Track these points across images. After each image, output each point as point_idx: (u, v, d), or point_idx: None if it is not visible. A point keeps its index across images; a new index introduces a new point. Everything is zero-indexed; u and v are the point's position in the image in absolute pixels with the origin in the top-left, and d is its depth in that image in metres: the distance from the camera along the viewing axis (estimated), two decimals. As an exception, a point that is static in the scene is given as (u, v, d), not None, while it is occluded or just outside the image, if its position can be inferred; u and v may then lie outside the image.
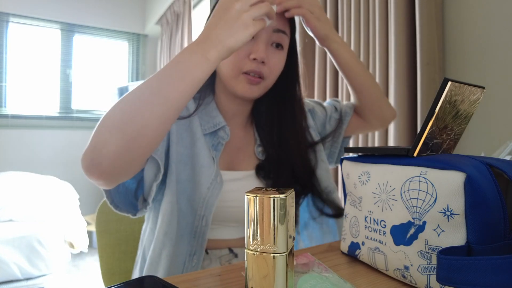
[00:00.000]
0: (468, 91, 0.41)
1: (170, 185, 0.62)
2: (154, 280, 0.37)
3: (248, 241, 0.29)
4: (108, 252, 0.84)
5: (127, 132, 0.45)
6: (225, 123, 0.68)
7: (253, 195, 0.28)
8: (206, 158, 0.65)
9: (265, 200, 0.27)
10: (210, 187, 0.63)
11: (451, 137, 0.45)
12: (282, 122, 0.71)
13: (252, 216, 0.28)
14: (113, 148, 0.45)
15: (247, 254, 0.29)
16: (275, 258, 0.27)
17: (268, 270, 0.27)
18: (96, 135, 0.47)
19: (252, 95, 0.65)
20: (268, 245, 0.27)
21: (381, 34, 1.15)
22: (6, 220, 2.06)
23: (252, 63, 0.62)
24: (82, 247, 2.24)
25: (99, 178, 0.48)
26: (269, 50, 0.63)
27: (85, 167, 0.47)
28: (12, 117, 2.96)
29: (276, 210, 0.27)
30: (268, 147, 0.72)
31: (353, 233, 0.50)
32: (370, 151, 0.50)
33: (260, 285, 0.28)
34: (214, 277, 0.43)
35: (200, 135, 0.66)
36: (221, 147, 0.67)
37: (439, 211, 0.37)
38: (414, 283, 0.40)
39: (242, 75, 0.63)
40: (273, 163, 0.70)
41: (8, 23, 2.97)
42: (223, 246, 0.69)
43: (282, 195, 0.27)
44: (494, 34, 0.92)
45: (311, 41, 1.55)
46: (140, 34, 3.57)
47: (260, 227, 0.28)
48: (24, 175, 2.43)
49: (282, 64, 0.67)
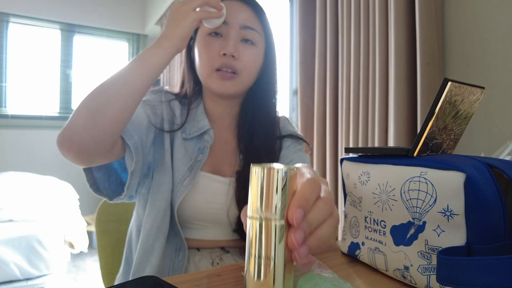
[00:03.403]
0: (468, 91, 0.41)
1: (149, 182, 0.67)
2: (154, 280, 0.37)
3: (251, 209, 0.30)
4: (108, 252, 0.84)
5: (91, 108, 0.54)
6: (209, 126, 0.70)
7: (259, 166, 0.30)
8: (177, 161, 0.67)
9: (271, 171, 0.29)
10: (175, 190, 0.66)
11: (451, 137, 0.45)
12: (256, 119, 0.72)
13: (255, 185, 0.30)
14: (80, 123, 0.53)
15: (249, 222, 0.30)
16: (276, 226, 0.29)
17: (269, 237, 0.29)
18: (70, 118, 0.55)
19: (227, 91, 0.67)
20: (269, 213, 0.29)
21: (381, 35, 1.15)
22: (6, 220, 2.06)
23: (222, 58, 0.65)
24: (82, 247, 2.24)
25: (70, 150, 0.54)
26: (240, 46, 0.67)
27: (58, 143, 0.55)
28: (12, 117, 2.96)
29: (279, 180, 0.29)
30: (242, 145, 0.73)
31: (353, 233, 0.50)
32: (370, 151, 0.50)
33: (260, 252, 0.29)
34: (214, 277, 0.43)
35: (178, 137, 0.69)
36: (207, 150, 0.69)
37: (439, 211, 0.37)
38: (414, 283, 0.40)
39: (215, 73, 0.66)
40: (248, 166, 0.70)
41: (8, 23, 2.97)
42: (215, 246, 0.70)
43: (285, 168, 0.29)
44: (494, 34, 0.92)
45: (311, 41, 1.55)
46: (140, 34, 3.57)
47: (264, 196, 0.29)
48: (24, 175, 2.43)
49: (256, 59, 0.69)
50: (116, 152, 0.60)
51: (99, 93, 0.55)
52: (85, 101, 0.55)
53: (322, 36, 1.46)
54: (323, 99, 1.46)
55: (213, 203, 0.67)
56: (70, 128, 0.54)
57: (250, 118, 0.73)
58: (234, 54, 0.65)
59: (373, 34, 1.20)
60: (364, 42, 1.24)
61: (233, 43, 0.65)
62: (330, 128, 1.41)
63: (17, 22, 3.00)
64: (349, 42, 1.32)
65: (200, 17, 0.59)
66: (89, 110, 0.54)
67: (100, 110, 0.53)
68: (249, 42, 0.68)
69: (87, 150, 0.55)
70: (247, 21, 0.67)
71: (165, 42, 0.58)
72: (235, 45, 0.65)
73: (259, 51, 0.69)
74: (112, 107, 0.54)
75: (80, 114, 0.54)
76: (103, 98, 0.54)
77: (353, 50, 1.29)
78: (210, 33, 0.67)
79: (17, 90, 3.01)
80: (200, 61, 0.68)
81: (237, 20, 0.66)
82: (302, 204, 0.28)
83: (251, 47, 0.68)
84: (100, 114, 0.53)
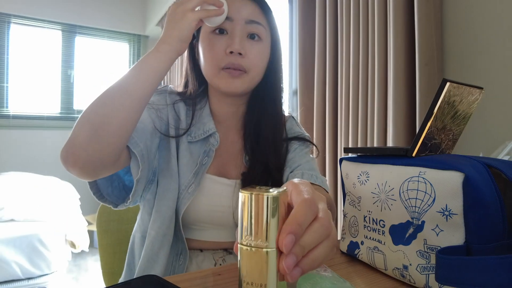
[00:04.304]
0: (466, 92, 0.41)
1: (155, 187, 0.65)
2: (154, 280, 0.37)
3: (241, 236, 0.30)
4: (109, 251, 0.84)
5: (94, 121, 0.51)
6: (215, 129, 0.68)
7: (248, 192, 0.29)
8: (183, 167, 0.66)
9: (260, 197, 0.29)
10: (181, 196, 0.64)
11: (449, 137, 0.45)
12: (262, 118, 0.70)
13: (245, 212, 0.29)
14: (83, 137, 0.51)
15: (241, 249, 0.30)
16: (268, 253, 0.29)
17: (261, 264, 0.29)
18: (72, 131, 0.53)
19: (235, 89, 0.64)
20: (260, 241, 0.29)
21: (380, 35, 1.16)
22: (7, 220, 2.07)
23: (229, 57, 0.62)
24: (83, 246, 2.24)
25: (75, 166, 0.52)
26: (247, 43, 0.64)
27: (62, 158, 0.52)
28: (13, 118, 2.96)
29: (269, 207, 0.29)
30: (253, 150, 0.70)
31: (352, 232, 0.50)
32: (369, 151, 0.50)
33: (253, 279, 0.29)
34: (214, 277, 0.44)
35: (184, 141, 0.67)
36: (212, 153, 0.67)
37: (438, 211, 0.37)
38: (413, 282, 0.41)
39: (222, 71, 0.63)
40: (258, 170, 0.69)
41: (10, 24, 2.97)
42: (218, 248, 0.70)
43: (275, 193, 0.29)
44: (492, 35, 0.92)
45: (310, 41, 1.55)
46: (141, 35, 3.58)
47: (253, 223, 0.29)
48: (25, 175, 2.44)
49: (264, 56, 0.66)
50: (122, 162, 0.58)
51: (101, 104, 0.53)
52: (87, 114, 0.52)
53: (321, 36, 1.47)
54: (323, 99, 1.46)
55: (218, 206, 0.66)
56: (73, 143, 0.51)
57: (257, 117, 0.71)
58: (241, 51, 0.62)
59: (372, 35, 1.20)
60: (363, 42, 1.24)
61: (239, 40, 0.62)
62: (330, 128, 1.41)
63: (18, 23, 3.01)
64: (348, 43, 1.32)
65: (199, 17, 0.56)
66: (92, 123, 0.51)
67: (103, 122, 0.51)
68: (255, 37, 0.65)
69: (92, 164, 0.53)
70: (252, 15, 0.64)
71: (164, 46, 0.55)
72: (241, 42, 0.62)
73: (266, 46, 0.67)
74: (116, 118, 0.52)
75: (83, 128, 0.51)
76: (105, 109, 0.52)
77: (352, 51, 1.29)
78: (214, 30, 0.64)
79: (19, 90, 3.02)
80: (205, 60, 0.65)
81: (242, 15, 0.63)
82: (294, 230, 0.27)
83: (258, 43, 0.65)
84: (103, 126, 0.51)
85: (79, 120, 0.52)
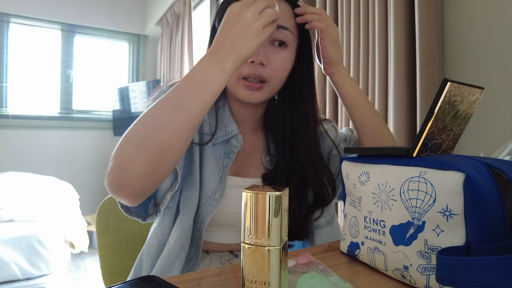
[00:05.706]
0: (467, 92, 0.41)
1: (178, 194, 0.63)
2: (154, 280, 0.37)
3: (244, 235, 0.30)
4: (108, 252, 0.84)
5: (152, 149, 0.46)
6: (237, 131, 0.65)
7: (250, 192, 0.30)
8: (208, 173, 0.63)
9: (261, 196, 0.29)
10: (206, 203, 0.62)
11: (450, 138, 0.45)
12: (295, 127, 0.67)
13: (248, 211, 0.30)
14: (140, 167, 0.45)
15: (243, 248, 0.30)
16: (270, 251, 0.29)
17: (263, 262, 0.29)
18: (120, 153, 0.46)
19: (254, 100, 0.61)
20: (262, 239, 0.29)
21: (381, 35, 1.16)
22: (6, 220, 2.06)
23: (250, 66, 0.58)
24: (82, 247, 2.24)
25: (129, 197, 0.48)
26: (270, 50, 0.59)
27: (113, 188, 0.47)
28: (12, 118, 2.96)
29: (271, 206, 0.29)
30: (279, 154, 0.69)
31: (352, 233, 0.50)
32: (369, 151, 0.50)
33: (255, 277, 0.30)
34: (214, 277, 0.44)
35: (209, 145, 0.64)
36: (233, 155, 0.65)
37: (438, 211, 0.37)
38: (413, 283, 0.40)
39: (241, 81, 0.59)
40: (281, 172, 0.67)
41: (9, 24, 2.97)
42: (224, 249, 0.69)
43: (277, 193, 0.29)
44: (493, 35, 0.92)
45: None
46: (140, 34, 3.58)
47: (256, 222, 0.29)
48: (24, 176, 2.43)
49: (288, 64, 0.62)
50: None
51: (159, 128, 0.46)
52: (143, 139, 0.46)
53: (322, 36, 1.47)
54: (323, 99, 1.46)
55: (235, 207, 0.64)
56: (127, 172, 0.46)
57: (278, 115, 0.68)
58: (263, 61, 0.58)
59: (373, 35, 1.20)
60: (363, 42, 1.24)
61: (263, 49, 0.58)
62: (330, 128, 1.41)
63: (18, 23, 3.01)
64: (348, 43, 1.32)
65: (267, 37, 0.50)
66: (151, 152, 0.46)
67: (163, 150, 0.46)
68: (282, 45, 0.60)
69: (146, 194, 0.50)
70: (281, 20, 0.58)
71: (229, 63, 0.48)
72: (264, 50, 0.58)
73: (291, 53, 0.62)
74: (176, 145, 0.47)
75: (140, 156, 0.45)
76: (165, 135, 0.46)
77: (352, 51, 1.29)
78: None
79: (18, 90, 3.02)
80: None
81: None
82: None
83: (282, 51, 0.60)
84: (163, 155, 0.46)
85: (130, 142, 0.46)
